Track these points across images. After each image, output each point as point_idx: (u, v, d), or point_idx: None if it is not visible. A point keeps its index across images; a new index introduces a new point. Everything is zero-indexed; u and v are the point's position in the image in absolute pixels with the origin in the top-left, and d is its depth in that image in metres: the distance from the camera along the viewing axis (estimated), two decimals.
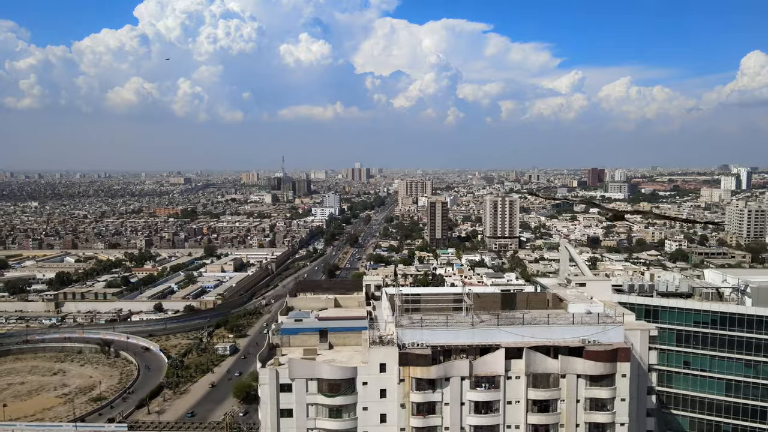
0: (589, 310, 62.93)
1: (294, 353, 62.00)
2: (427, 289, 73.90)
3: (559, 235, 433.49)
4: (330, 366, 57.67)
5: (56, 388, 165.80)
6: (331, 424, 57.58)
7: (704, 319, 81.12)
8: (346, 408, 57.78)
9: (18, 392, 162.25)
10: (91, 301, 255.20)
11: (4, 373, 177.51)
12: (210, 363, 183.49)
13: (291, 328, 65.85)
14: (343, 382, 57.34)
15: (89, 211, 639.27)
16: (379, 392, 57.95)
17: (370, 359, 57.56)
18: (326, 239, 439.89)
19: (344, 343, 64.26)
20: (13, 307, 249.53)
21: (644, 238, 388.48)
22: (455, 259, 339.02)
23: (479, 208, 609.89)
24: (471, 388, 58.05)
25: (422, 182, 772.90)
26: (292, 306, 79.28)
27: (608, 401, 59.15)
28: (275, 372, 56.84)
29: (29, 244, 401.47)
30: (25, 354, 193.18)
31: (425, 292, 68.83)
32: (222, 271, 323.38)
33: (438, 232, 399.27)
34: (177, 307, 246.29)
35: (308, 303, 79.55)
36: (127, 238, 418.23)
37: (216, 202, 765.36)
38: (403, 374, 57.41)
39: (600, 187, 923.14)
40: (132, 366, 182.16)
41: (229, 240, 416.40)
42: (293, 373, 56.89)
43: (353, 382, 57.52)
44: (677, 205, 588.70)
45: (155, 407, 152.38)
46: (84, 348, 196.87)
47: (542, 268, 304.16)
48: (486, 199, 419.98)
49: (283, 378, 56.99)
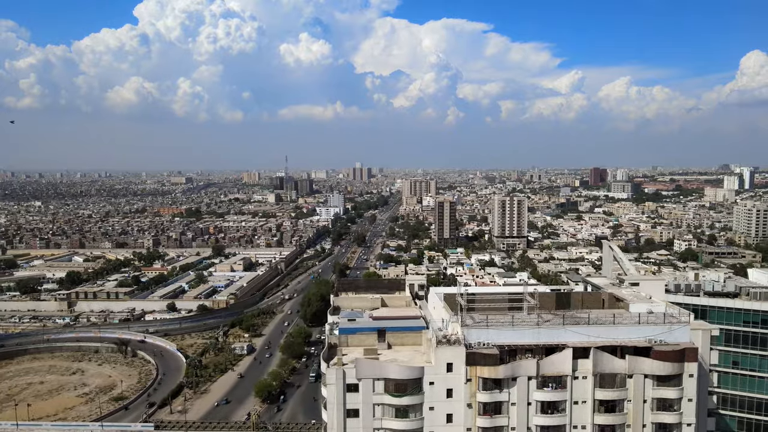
0: (651, 310, 62.46)
1: (353, 353, 61.47)
2: (481, 289, 73.18)
3: (566, 234, 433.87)
4: (397, 366, 57.13)
5: (76, 388, 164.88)
6: (397, 424, 57.03)
7: (754, 319, 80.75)
8: (413, 408, 57.24)
9: (38, 392, 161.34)
10: (103, 301, 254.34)
11: (22, 372, 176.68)
12: (228, 362, 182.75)
13: (349, 327, 65.30)
14: (410, 382, 56.78)
15: (93, 210, 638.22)
16: (445, 392, 57.41)
17: (437, 359, 57.03)
18: (333, 239, 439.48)
19: (402, 342, 63.74)
20: (26, 306, 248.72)
21: (652, 237, 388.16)
22: (465, 258, 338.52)
23: (483, 208, 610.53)
24: (537, 388, 57.58)
25: (426, 182, 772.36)
26: (338, 305, 78.70)
27: (675, 401, 58.67)
28: (342, 372, 56.27)
29: (36, 243, 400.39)
30: (42, 353, 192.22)
31: (479, 292, 68.27)
32: (232, 271, 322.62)
33: (446, 231, 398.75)
34: (190, 306, 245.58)
35: (354, 302, 78.92)
36: (134, 238, 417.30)
37: (219, 201, 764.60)
38: (470, 374, 56.88)
39: (602, 186, 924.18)
40: (150, 365, 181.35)
41: (237, 240, 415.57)
42: (360, 373, 56.34)
43: (420, 382, 56.97)
44: (682, 205, 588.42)
45: (177, 407, 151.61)
46: (101, 347, 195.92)
47: (553, 268, 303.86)
48: (494, 199, 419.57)
49: (350, 378, 56.48)
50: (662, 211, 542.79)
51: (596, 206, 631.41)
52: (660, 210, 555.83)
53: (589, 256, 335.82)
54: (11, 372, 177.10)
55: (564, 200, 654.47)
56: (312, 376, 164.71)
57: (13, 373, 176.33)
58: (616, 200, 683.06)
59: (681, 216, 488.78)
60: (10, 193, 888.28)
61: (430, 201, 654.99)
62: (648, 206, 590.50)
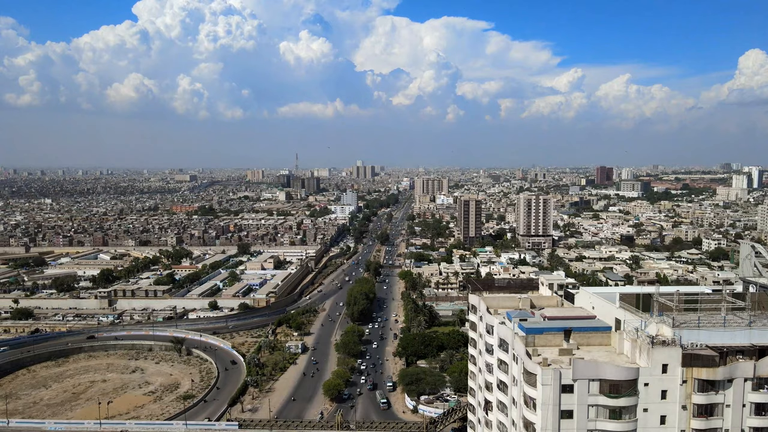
0: None
1: (545, 353, 60.37)
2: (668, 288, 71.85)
3: (587, 233, 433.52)
4: (614, 366, 56.36)
5: (140, 386, 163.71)
6: (612, 425, 56.30)
7: None
8: (627, 409, 56.54)
9: (104, 390, 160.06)
10: (142, 299, 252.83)
11: (82, 370, 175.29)
12: (285, 361, 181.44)
13: (536, 327, 64.38)
14: (625, 383, 56.04)
15: (106, 208, 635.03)
16: (660, 393, 56.75)
17: (653, 360, 56.19)
18: (355, 237, 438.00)
19: (588, 343, 62.86)
20: (67, 304, 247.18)
21: (678, 236, 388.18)
22: (495, 257, 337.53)
23: (498, 206, 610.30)
24: (752, 389, 56.74)
25: (438, 180, 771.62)
26: (475, 304, 77.57)
27: None
28: (558, 373, 55.27)
29: (60, 241, 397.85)
30: (96, 351, 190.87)
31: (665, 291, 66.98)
32: (262, 269, 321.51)
33: (471, 230, 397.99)
34: (230, 305, 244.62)
35: (502, 302, 77.87)
36: (157, 236, 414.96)
37: (229, 199, 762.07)
38: (686, 375, 55.99)
39: (610, 185, 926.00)
40: (208, 364, 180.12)
41: (260, 237, 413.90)
42: (576, 374, 55.49)
43: (635, 383, 56.27)
44: (698, 204, 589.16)
45: (248, 405, 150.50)
46: (153, 346, 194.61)
47: (587, 267, 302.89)
48: (520, 198, 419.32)
49: (565, 379, 55.39)
50: (679, 210, 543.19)
51: (610, 205, 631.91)
52: (676, 209, 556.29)
53: (620, 255, 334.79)
54: (71, 370, 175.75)
55: (577, 199, 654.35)
56: (370, 385, 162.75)
57: (72, 371, 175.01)
58: (627, 199, 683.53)
59: (700, 215, 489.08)
60: (17, 191, 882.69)
61: (445, 199, 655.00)
62: (664, 205, 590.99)
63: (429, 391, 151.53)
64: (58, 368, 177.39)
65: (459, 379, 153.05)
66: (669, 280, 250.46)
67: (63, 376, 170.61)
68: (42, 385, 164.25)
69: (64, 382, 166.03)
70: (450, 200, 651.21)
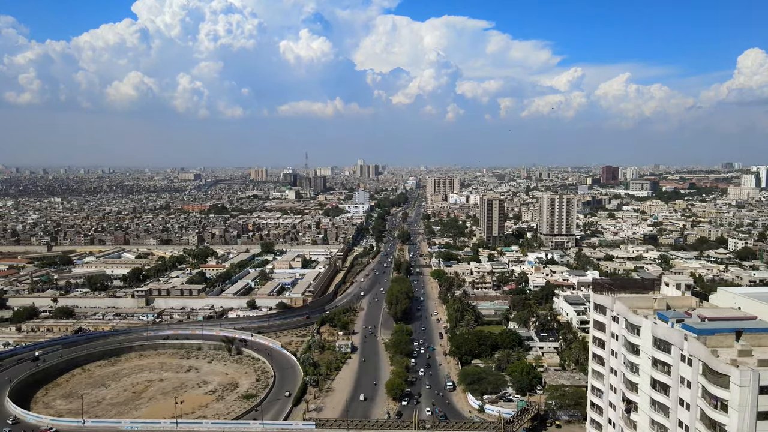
0: None
1: (722, 354, 59.69)
2: None
3: (608, 232, 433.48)
4: None
5: (199, 386, 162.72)
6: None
7: None
8: None
9: (163, 389, 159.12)
10: (178, 298, 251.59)
11: (136, 369, 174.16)
12: (338, 361, 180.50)
13: (708, 328, 63.66)
14: None
15: (119, 206, 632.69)
16: None
17: None
18: (376, 236, 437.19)
19: (760, 344, 62.10)
20: (104, 303, 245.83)
21: (702, 236, 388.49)
22: (522, 256, 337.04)
23: (511, 206, 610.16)
24: None
25: (450, 180, 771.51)
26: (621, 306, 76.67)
27: None
28: (757, 374, 54.72)
29: (81, 240, 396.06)
30: (146, 351, 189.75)
31: None
32: (290, 268, 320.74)
33: (494, 229, 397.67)
34: (267, 304, 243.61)
35: (637, 302, 77.17)
36: (177, 235, 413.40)
37: (238, 198, 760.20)
38: None
39: (617, 184, 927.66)
40: (261, 363, 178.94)
41: (281, 237, 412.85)
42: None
43: None
44: (713, 203, 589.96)
45: (312, 405, 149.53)
46: (203, 345, 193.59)
47: (618, 267, 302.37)
48: (543, 197, 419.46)
49: (764, 380, 54.85)
50: (694, 210, 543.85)
51: (622, 204, 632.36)
52: (691, 208, 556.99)
53: (647, 254, 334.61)
54: (125, 369, 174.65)
55: (589, 198, 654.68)
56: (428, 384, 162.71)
57: (127, 370, 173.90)
58: (639, 198, 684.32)
59: (718, 214, 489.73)
60: (24, 190, 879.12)
61: (457, 198, 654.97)
62: (678, 204, 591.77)
63: (491, 390, 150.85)
64: (113, 367, 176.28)
65: (521, 378, 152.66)
66: (705, 281, 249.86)
67: (119, 375, 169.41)
68: (101, 384, 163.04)
69: (122, 381, 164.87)
70: (462, 199, 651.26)
